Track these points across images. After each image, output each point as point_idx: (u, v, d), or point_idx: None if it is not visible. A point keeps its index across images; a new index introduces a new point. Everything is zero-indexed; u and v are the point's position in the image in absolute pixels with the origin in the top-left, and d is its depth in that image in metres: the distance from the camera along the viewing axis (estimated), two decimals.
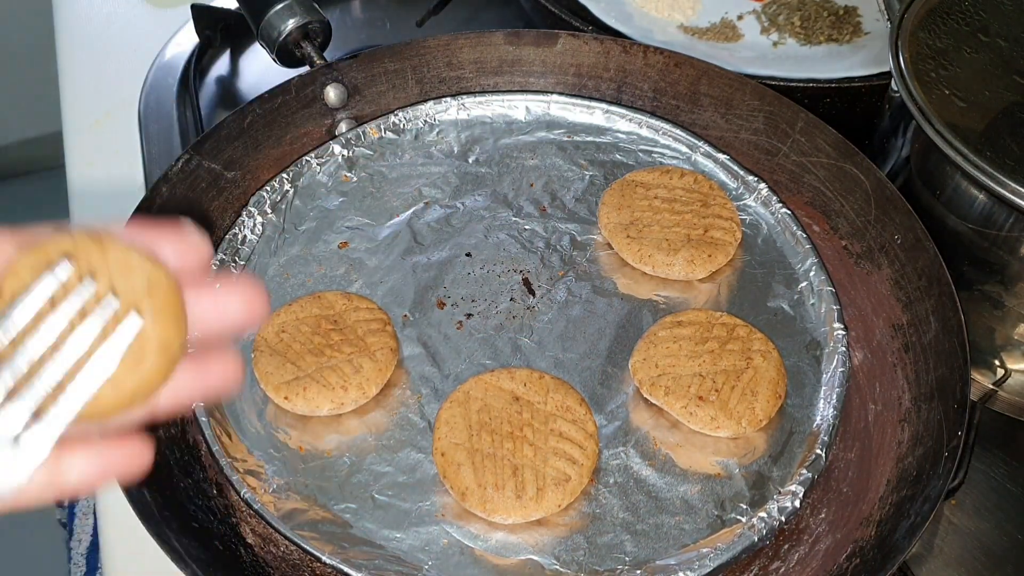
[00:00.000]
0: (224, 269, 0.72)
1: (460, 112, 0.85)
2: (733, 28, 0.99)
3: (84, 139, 0.95)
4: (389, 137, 0.83)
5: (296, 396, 0.64)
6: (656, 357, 0.66)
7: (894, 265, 0.72)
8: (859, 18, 1.00)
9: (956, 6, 0.75)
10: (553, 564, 0.59)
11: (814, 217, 0.78)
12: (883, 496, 0.62)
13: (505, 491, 0.59)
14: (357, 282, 0.73)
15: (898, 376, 0.68)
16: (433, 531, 0.60)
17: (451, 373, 0.68)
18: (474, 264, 0.75)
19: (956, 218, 0.69)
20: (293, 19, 0.83)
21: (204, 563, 0.56)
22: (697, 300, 0.73)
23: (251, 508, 0.60)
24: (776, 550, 0.61)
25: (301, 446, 0.64)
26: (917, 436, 0.64)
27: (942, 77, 0.70)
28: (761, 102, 0.81)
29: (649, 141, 0.83)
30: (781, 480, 0.63)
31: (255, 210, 0.76)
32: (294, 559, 0.60)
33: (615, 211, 0.75)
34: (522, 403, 0.63)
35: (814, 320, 0.71)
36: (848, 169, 0.76)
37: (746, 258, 0.75)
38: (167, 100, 0.95)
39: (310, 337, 0.66)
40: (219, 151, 0.77)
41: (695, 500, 0.62)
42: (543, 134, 0.84)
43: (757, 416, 0.64)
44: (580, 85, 0.86)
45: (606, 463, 0.63)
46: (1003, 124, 0.67)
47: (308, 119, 0.82)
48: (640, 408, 0.66)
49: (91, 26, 1.07)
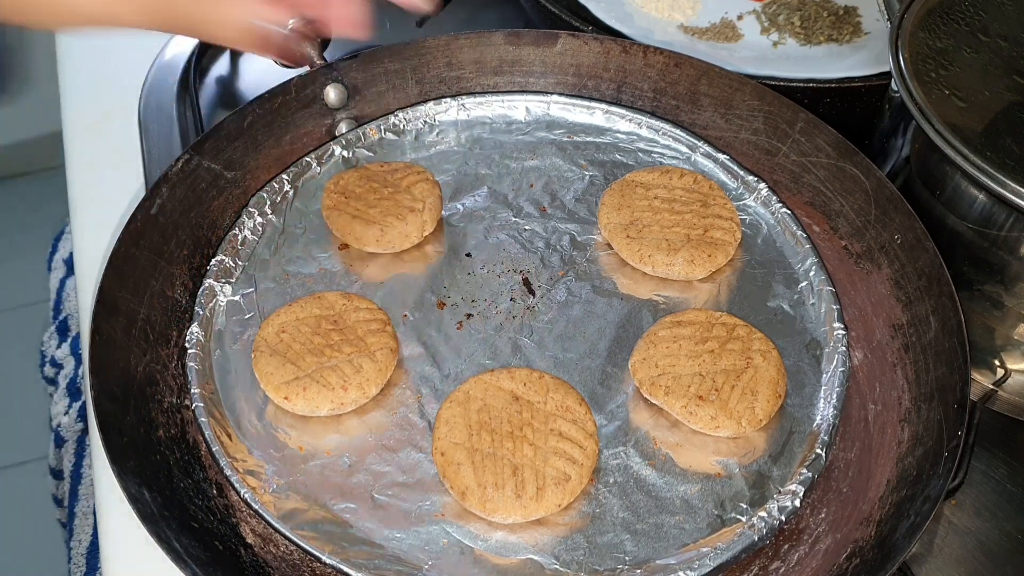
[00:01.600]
0: None
1: (460, 112, 0.85)
2: (733, 28, 0.99)
3: (84, 139, 0.95)
4: (389, 138, 0.83)
5: (296, 396, 0.64)
6: (656, 357, 0.66)
7: (894, 265, 0.72)
8: (859, 18, 1.00)
9: (956, 6, 0.75)
10: (553, 564, 0.59)
11: (814, 217, 0.78)
12: (883, 496, 0.62)
13: (505, 491, 0.59)
14: (357, 282, 0.73)
15: (898, 376, 0.68)
16: (433, 531, 0.60)
17: (451, 373, 0.68)
18: (474, 264, 0.75)
19: (956, 218, 0.69)
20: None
21: (204, 563, 0.56)
22: (697, 300, 0.73)
23: (251, 508, 0.60)
24: (776, 550, 0.61)
25: (301, 446, 0.64)
26: (917, 436, 0.64)
27: (942, 77, 0.70)
28: (761, 102, 0.81)
29: (649, 141, 0.83)
30: (781, 480, 0.63)
31: (255, 210, 0.76)
32: (294, 559, 0.60)
33: (615, 211, 0.75)
34: (522, 403, 0.63)
35: (814, 320, 0.71)
36: (848, 169, 0.76)
37: (746, 258, 0.75)
38: (167, 100, 0.95)
39: (310, 337, 0.66)
40: (219, 151, 0.77)
41: (695, 500, 0.62)
42: (543, 134, 0.84)
43: (757, 416, 0.64)
44: (580, 85, 0.87)
45: (606, 463, 0.63)
46: (1003, 124, 0.67)
47: (308, 119, 0.82)
48: (640, 408, 0.66)
49: None
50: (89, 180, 0.91)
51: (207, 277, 0.72)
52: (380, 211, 0.74)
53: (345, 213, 0.74)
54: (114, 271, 0.68)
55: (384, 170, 0.77)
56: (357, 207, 0.74)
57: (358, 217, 0.74)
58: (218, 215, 0.76)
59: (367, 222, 0.73)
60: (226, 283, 0.72)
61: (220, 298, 0.71)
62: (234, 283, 0.72)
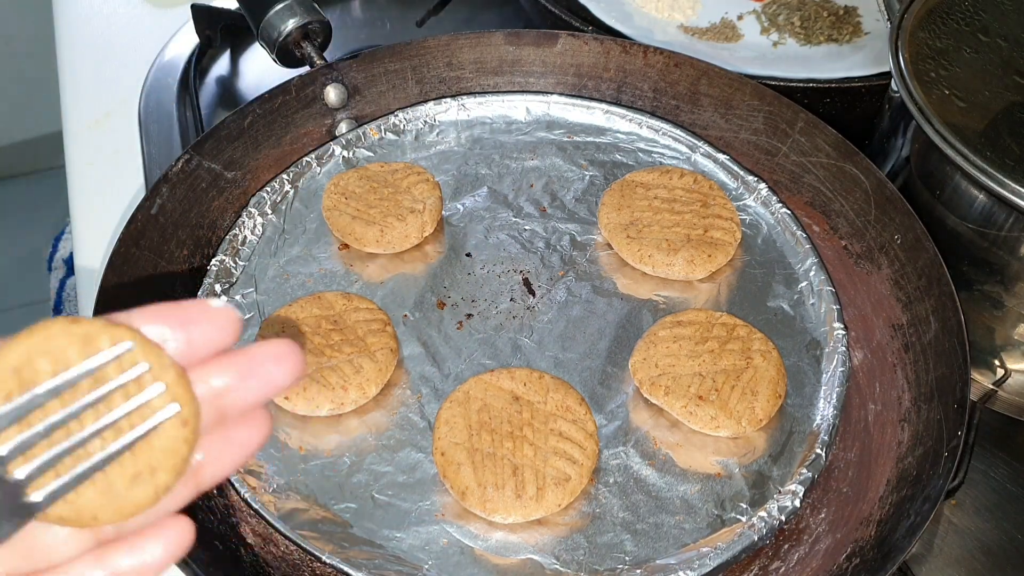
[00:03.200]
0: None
1: (460, 112, 0.85)
2: (733, 28, 0.99)
3: (84, 139, 0.95)
4: (389, 138, 0.83)
5: (296, 396, 0.64)
6: (656, 357, 0.66)
7: (894, 265, 0.72)
8: (859, 18, 1.00)
9: (956, 6, 0.75)
10: (553, 564, 0.59)
11: (814, 217, 0.78)
12: (883, 496, 0.62)
13: (505, 491, 0.59)
14: (357, 283, 0.73)
15: (898, 376, 0.68)
16: (433, 531, 0.60)
17: (451, 373, 0.68)
18: (474, 264, 0.75)
19: (956, 218, 0.69)
20: (293, 19, 0.83)
21: (204, 563, 0.56)
22: (697, 300, 0.73)
23: (251, 508, 0.60)
24: (776, 550, 0.61)
25: (301, 446, 0.64)
26: (917, 436, 0.64)
27: (942, 77, 0.70)
28: (761, 102, 0.81)
29: (649, 141, 0.83)
30: (781, 479, 0.63)
31: (255, 210, 0.76)
32: (294, 559, 0.60)
33: (615, 211, 0.75)
34: (522, 403, 0.63)
35: (814, 320, 0.71)
36: (848, 169, 0.76)
37: (746, 258, 0.75)
38: (167, 100, 0.95)
39: (310, 337, 0.66)
40: (219, 151, 0.77)
41: (695, 500, 0.62)
42: (543, 134, 0.84)
43: (757, 416, 0.64)
44: (580, 85, 0.86)
45: (606, 463, 0.63)
46: (1003, 124, 0.67)
47: (308, 119, 0.82)
48: (640, 408, 0.66)
49: (91, 26, 1.07)
50: (89, 180, 0.91)
51: (207, 277, 0.72)
52: (380, 211, 0.74)
53: (345, 213, 0.74)
54: (114, 271, 0.68)
55: (384, 170, 0.77)
56: (357, 207, 0.74)
57: (358, 217, 0.74)
58: (218, 215, 0.76)
59: (367, 222, 0.73)
60: (226, 283, 0.72)
61: (220, 298, 0.71)
62: (234, 283, 0.73)
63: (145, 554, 0.33)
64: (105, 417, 0.32)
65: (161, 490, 0.33)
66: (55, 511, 0.32)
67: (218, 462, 0.35)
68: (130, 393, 0.32)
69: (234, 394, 0.35)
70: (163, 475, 0.33)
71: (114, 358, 0.32)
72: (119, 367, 0.32)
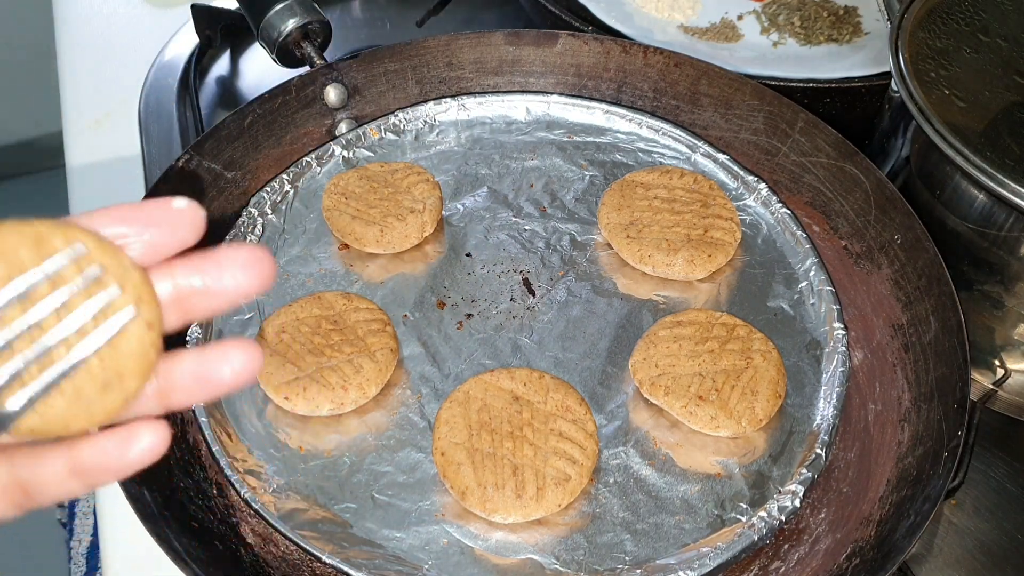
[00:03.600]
0: None
1: (460, 112, 0.85)
2: (733, 28, 0.99)
3: (84, 139, 0.95)
4: (389, 138, 0.83)
5: (296, 396, 0.64)
6: (656, 357, 0.66)
7: (894, 265, 0.72)
8: (859, 18, 1.00)
9: (956, 6, 0.75)
10: (553, 563, 0.59)
11: (814, 217, 0.78)
12: (883, 496, 0.62)
13: (505, 490, 0.59)
14: (357, 282, 0.73)
15: (898, 376, 0.68)
16: (433, 531, 0.60)
17: (451, 373, 0.68)
18: (474, 264, 0.75)
19: (956, 218, 0.69)
20: (293, 19, 0.83)
21: (204, 563, 0.56)
22: (697, 300, 0.73)
23: (251, 508, 0.60)
24: (776, 550, 0.61)
25: (301, 446, 0.64)
26: (917, 436, 0.64)
27: (942, 77, 0.70)
28: (761, 102, 0.81)
29: (649, 141, 0.83)
30: (781, 479, 0.63)
31: (255, 211, 0.76)
32: (294, 559, 0.60)
33: (615, 211, 0.75)
34: (522, 403, 0.63)
35: (814, 320, 0.71)
36: (848, 169, 0.76)
37: (746, 258, 0.75)
38: (167, 100, 0.95)
39: (310, 337, 0.66)
40: (219, 151, 0.77)
41: (695, 500, 0.62)
42: (543, 134, 0.84)
43: (757, 416, 0.64)
44: (580, 85, 0.87)
45: (606, 463, 0.63)
46: (1003, 124, 0.67)
47: (308, 119, 0.82)
48: (640, 408, 0.66)
49: (91, 26, 1.07)
50: (89, 180, 0.91)
51: None
52: (380, 211, 0.74)
53: (345, 213, 0.74)
54: None
55: (384, 170, 0.77)
56: (357, 207, 0.74)
57: (358, 217, 0.74)
58: (218, 215, 0.76)
59: (367, 222, 0.73)
60: None
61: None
62: None
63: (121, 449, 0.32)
64: (68, 322, 0.31)
65: (130, 395, 0.32)
66: (26, 423, 0.31)
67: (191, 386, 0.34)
68: (91, 296, 0.31)
69: (199, 298, 0.33)
70: (131, 380, 0.32)
71: (71, 261, 0.31)
72: (77, 269, 0.31)
